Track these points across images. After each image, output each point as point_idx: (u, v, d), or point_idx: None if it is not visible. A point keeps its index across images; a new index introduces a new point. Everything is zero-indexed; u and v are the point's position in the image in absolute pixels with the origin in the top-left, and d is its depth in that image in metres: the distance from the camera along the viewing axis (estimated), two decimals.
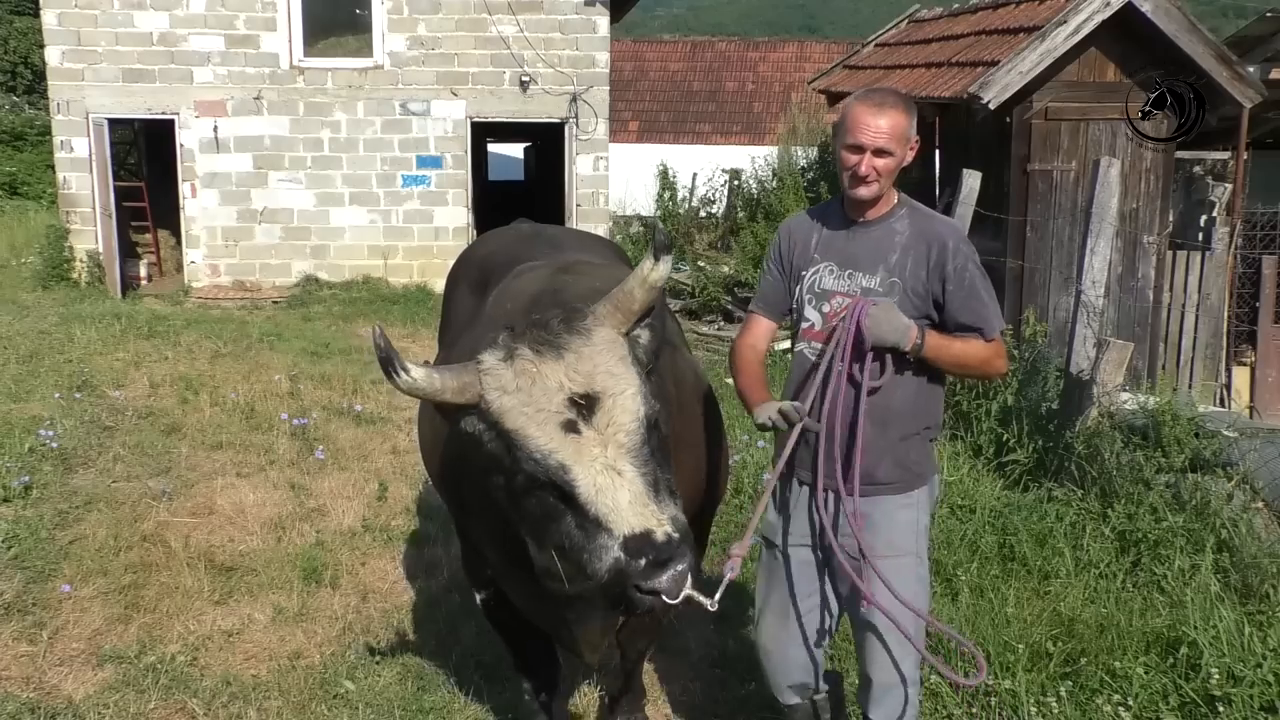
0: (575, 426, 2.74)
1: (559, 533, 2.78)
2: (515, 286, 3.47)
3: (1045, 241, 10.44)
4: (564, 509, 2.74)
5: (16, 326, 11.23)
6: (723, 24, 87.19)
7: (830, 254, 3.49)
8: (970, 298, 3.41)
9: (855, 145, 3.32)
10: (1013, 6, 11.78)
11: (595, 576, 2.72)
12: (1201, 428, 6.58)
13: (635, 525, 2.68)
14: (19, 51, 31.32)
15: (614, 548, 2.67)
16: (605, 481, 2.71)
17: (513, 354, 2.82)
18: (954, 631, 3.48)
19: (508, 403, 2.77)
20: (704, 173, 20.50)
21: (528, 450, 2.73)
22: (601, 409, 2.77)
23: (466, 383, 2.82)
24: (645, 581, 2.65)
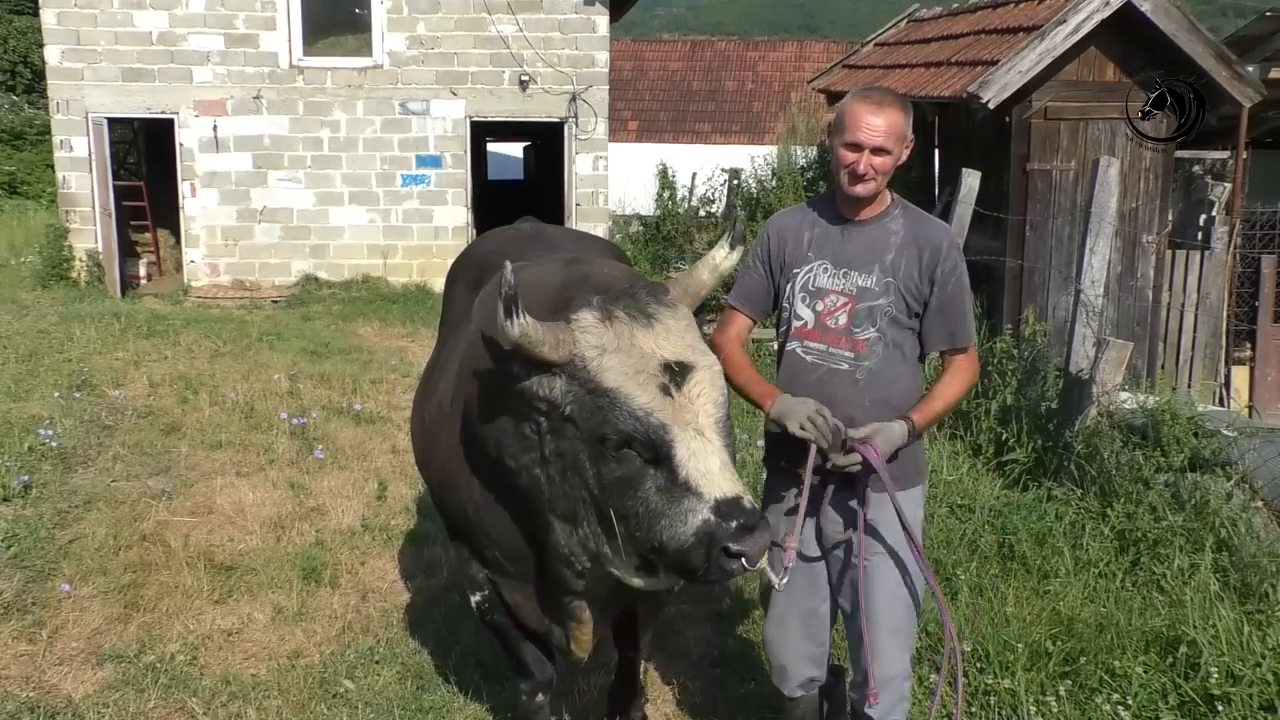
0: (669, 390, 2.82)
1: (635, 498, 2.82)
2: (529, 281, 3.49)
3: (1045, 241, 10.45)
4: (649, 473, 2.80)
5: (16, 326, 11.23)
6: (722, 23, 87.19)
7: (824, 252, 3.50)
8: (952, 303, 3.46)
9: (854, 143, 3.34)
10: (1012, 6, 11.78)
11: (677, 540, 2.77)
12: (1201, 427, 6.59)
13: (726, 490, 2.76)
14: (18, 50, 31.29)
15: (703, 511, 2.74)
16: (698, 446, 2.79)
17: (609, 315, 2.88)
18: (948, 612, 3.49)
19: (608, 362, 2.83)
20: (703, 172, 20.47)
21: (629, 408, 2.78)
22: (691, 378, 2.85)
23: (561, 339, 2.85)
24: (735, 544, 2.72)
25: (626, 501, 2.83)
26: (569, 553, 3.15)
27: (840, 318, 3.45)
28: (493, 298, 2.89)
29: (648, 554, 2.89)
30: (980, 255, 9.76)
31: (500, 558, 3.51)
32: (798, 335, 3.52)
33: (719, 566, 2.75)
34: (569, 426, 2.90)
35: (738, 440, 7.38)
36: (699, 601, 5.50)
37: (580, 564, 3.18)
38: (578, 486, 2.95)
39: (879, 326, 3.44)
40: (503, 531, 3.42)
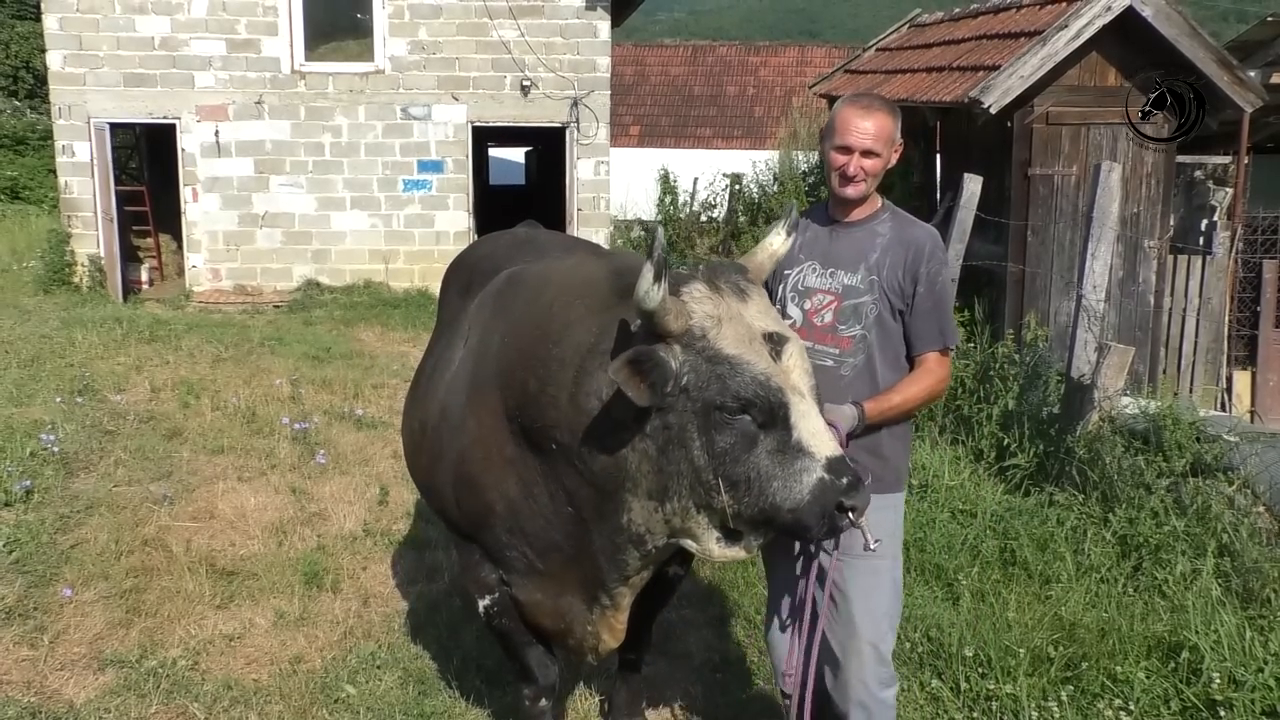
0: (776, 357, 2.96)
1: (748, 464, 2.91)
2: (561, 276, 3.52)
3: (1046, 246, 10.44)
4: (761, 437, 2.90)
5: (18, 331, 11.24)
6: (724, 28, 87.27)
7: (814, 253, 3.60)
8: (935, 305, 3.53)
9: (844, 146, 3.47)
10: (1014, 11, 11.78)
11: (793, 500, 2.88)
12: (1202, 432, 6.58)
13: (834, 450, 2.92)
14: (21, 56, 31.33)
15: (817, 469, 2.87)
16: (806, 408, 2.93)
17: (716, 287, 3.00)
18: None
19: (726, 330, 2.94)
20: (705, 177, 20.49)
21: (751, 374, 2.89)
22: (787, 348, 2.99)
23: (679, 311, 2.94)
24: (847, 498, 2.86)
25: (739, 468, 2.92)
26: (645, 531, 3.18)
27: (826, 315, 3.54)
28: (583, 300, 3.08)
29: (755, 518, 2.96)
30: (982, 260, 9.76)
31: (530, 555, 3.51)
32: None
33: (834, 521, 2.89)
34: (682, 398, 2.95)
35: None
36: (701, 606, 5.50)
37: (654, 543, 3.21)
38: (678, 460, 3.00)
39: (864, 325, 3.51)
40: (538, 524, 3.43)
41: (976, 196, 8.51)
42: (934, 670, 4.70)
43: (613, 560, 3.32)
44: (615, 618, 3.52)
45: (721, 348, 2.92)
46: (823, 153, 3.60)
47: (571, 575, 3.48)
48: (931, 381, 3.56)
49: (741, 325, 2.96)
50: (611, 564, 3.34)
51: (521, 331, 3.41)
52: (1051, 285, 10.42)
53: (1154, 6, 9.87)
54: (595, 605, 3.50)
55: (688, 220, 18.79)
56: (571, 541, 3.40)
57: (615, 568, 3.35)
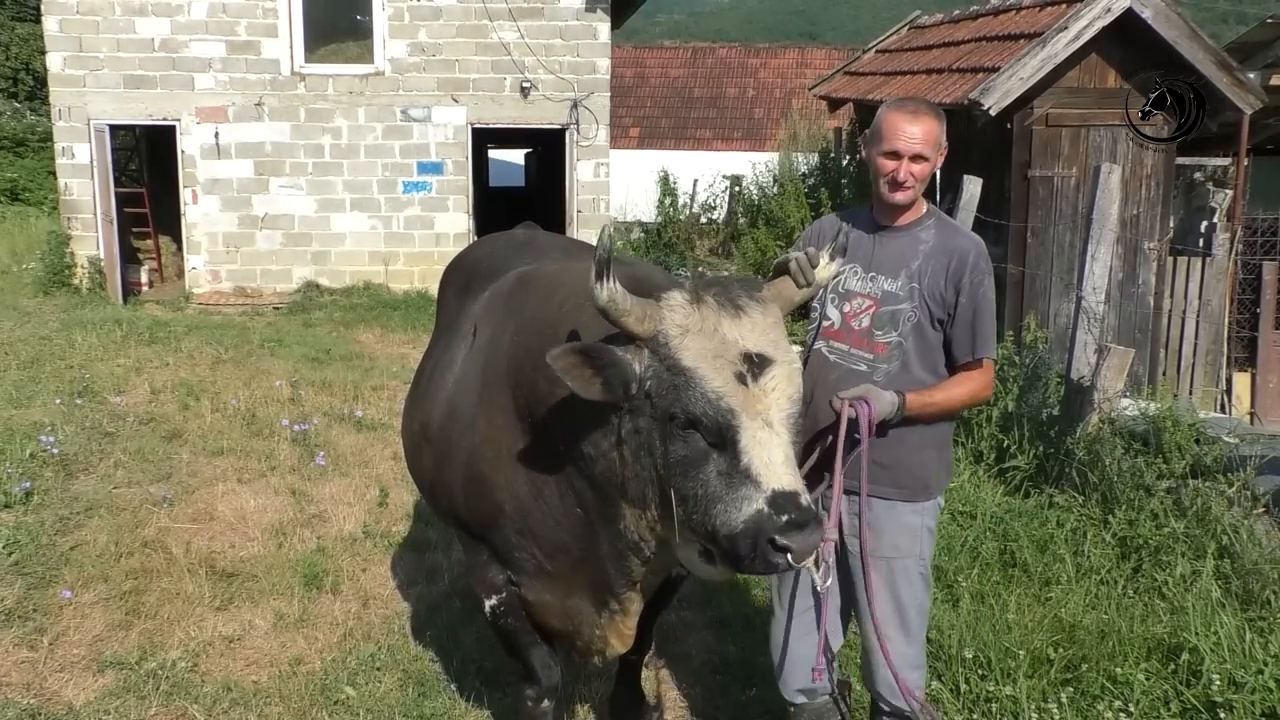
0: (744, 379, 2.85)
1: (696, 479, 2.85)
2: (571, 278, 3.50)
3: (1046, 247, 10.45)
4: (712, 455, 2.83)
5: (18, 332, 11.23)
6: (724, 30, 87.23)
7: (857, 257, 3.57)
8: (976, 316, 3.50)
9: (893, 152, 3.44)
10: (1013, 13, 11.80)
11: (728, 526, 2.80)
12: (1202, 434, 6.58)
13: (785, 484, 2.79)
14: (20, 57, 31.34)
15: (758, 500, 2.77)
16: (764, 436, 2.82)
17: (699, 299, 2.93)
18: None
19: (689, 342, 2.88)
20: (705, 179, 20.51)
21: (701, 389, 2.83)
22: (770, 371, 2.88)
23: (649, 314, 2.91)
24: (782, 537, 2.74)
25: (688, 482, 2.87)
26: (638, 538, 3.19)
27: (864, 320, 3.53)
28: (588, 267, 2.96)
29: (703, 539, 2.92)
30: None
31: (538, 555, 3.50)
32: (825, 335, 3.60)
33: (764, 558, 2.77)
34: (647, 404, 2.94)
35: None
36: (701, 608, 5.50)
37: (649, 549, 3.22)
38: (648, 466, 2.99)
39: (901, 331, 3.50)
40: (547, 526, 3.43)
41: (976, 198, 8.51)
42: (934, 672, 4.70)
43: (618, 565, 3.33)
44: (624, 623, 3.52)
45: (680, 358, 2.87)
46: (869, 158, 3.57)
47: (580, 577, 3.48)
48: (974, 387, 3.57)
49: (712, 340, 2.88)
50: (617, 569, 3.34)
51: (534, 331, 3.41)
52: (1051, 287, 10.43)
53: (1153, 8, 9.88)
54: (604, 609, 3.50)
55: (687, 222, 18.81)
56: (580, 544, 3.40)
57: (621, 573, 3.35)
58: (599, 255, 2.81)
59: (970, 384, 3.55)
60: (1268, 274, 11.75)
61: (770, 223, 15.33)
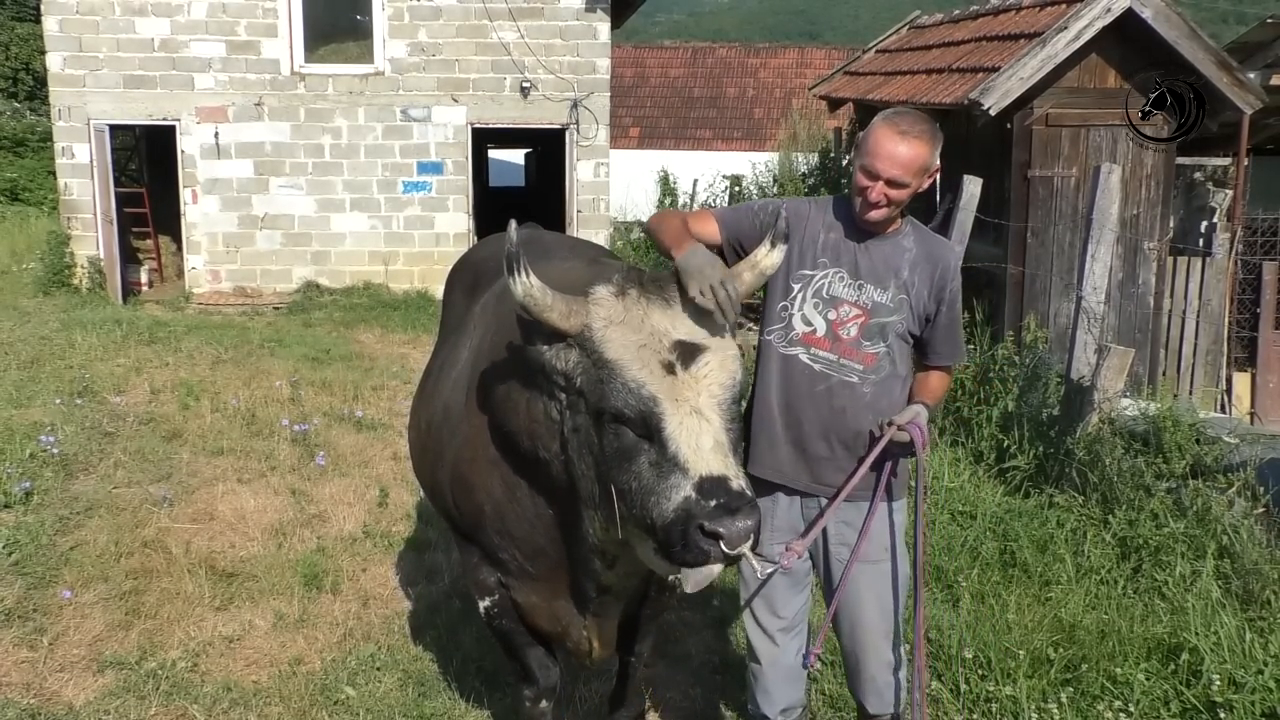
0: (672, 368, 2.82)
1: (630, 472, 2.82)
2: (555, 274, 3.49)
3: (1046, 247, 10.45)
4: (643, 446, 2.80)
5: (18, 332, 11.24)
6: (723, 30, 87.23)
7: (841, 261, 3.45)
8: (954, 323, 3.54)
9: (870, 170, 3.28)
10: (1013, 13, 11.80)
11: (660, 517, 2.74)
12: (1202, 434, 6.59)
13: (714, 469, 2.73)
14: (20, 57, 31.35)
15: (686, 487, 2.71)
16: (692, 423, 2.78)
17: (624, 291, 2.91)
18: None
19: (613, 334, 2.85)
20: (705, 179, 20.52)
21: (623, 379, 2.80)
22: (702, 358, 2.85)
23: (574, 309, 2.88)
24: (710, 523, 2.67)
25: (623, 475, 2.83)
26: (597, 540, 3.18)
27: (851, 329, 3.43)
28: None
29: (645, 534, 2.86)
30: (982, 262, 9.76)
31: (519, 558, 3.51)
32: (805, 341, 3.45)
33: (696, 546, 2.70)
34: (581, 400, 2.93)
35: None
36: (701, 608, 5.49)
37: (612, 551, 3.21)
38: (590, 464, 2.98)
39: (888, 342, 3.45)
40: (524, 529, 3.43)
41: (976, 198, 8.51)
42: (934, 672, 4.70)
43: (585, 569, 3.33)
44: (604, 625, 3.51)
45: (604, 351, 2.84)
46: (854, 162, 3.42)
47: (561, 580, 3.48)
48: (948, 384, 3.67)
49: (637, 331, 2.85)
50: (585, 573, 3.34)
51: (499, 337, 3.42)
52: (1051, 287, 10.43)
53: (1153, 8, 9.87)
54: (585, 611, 3.50)
55: None
56: (555, 547, 3.40)
57: (589, 576, 3.35)
58: (507, 250, 2.79)
59: (946, 383, 3.65)
60: (1268, 274, 11.74)
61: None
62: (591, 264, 3.66)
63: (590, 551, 3.24)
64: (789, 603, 3.60)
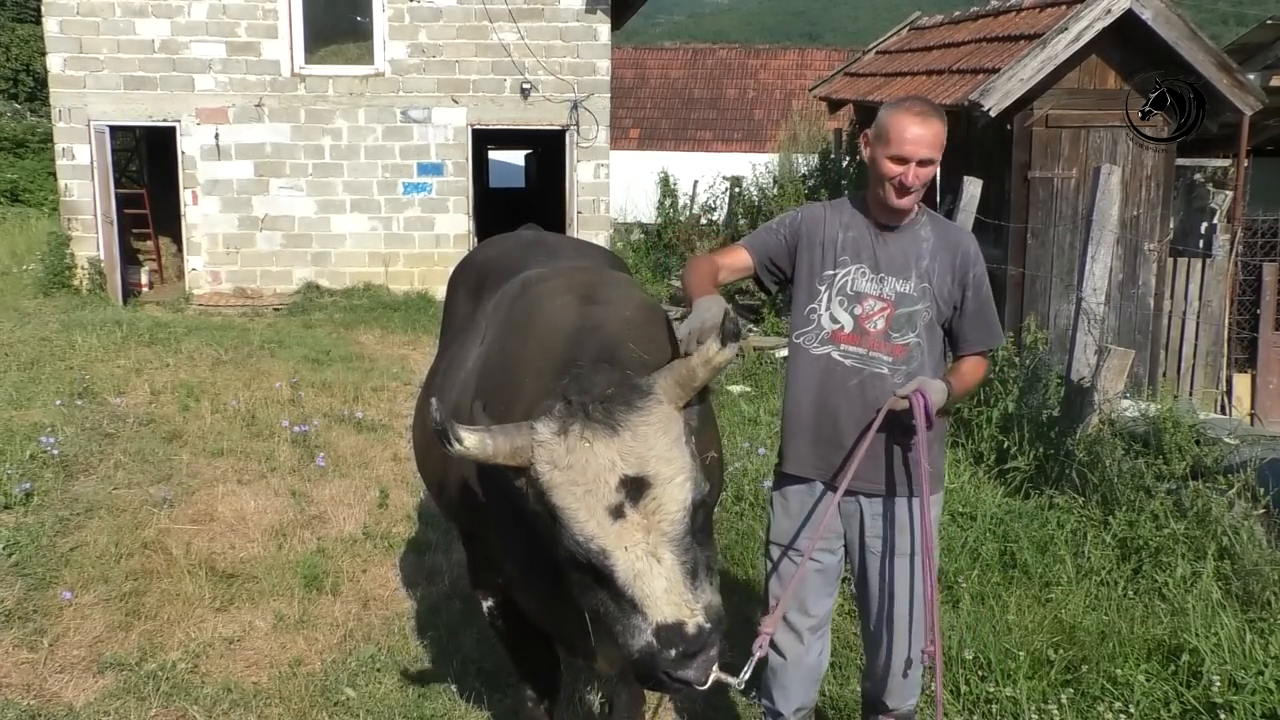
0: (621, 510, 2.74)
1: (595, 599, 2.83)
2: (541, 319, 3.43)
3: (1046, 248, 10.45)
4: (600, 586, 2.79)
5: (18, 333, 11.24)
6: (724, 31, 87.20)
7: (861, 257, 3.51)
8: (984, 308, 3.55)
9: (899, 157, 3.36)
10: (1013, 14, 11.80)
11: (628, 650, 2.78)
12: (1202, 435, 6.58)
13: (668, 615, 2.71)
14: (21, 58, 31.39)
15: (646, 632, 2.72)
16: (644, 567, 2.73)
17: (566, 429, 2.79)
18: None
19: (557, 478, 2.76)
20: (705, 180, 20.48)
21: (572, 532, 2.75)
22: (649, 494, 2.75)
23: (519, 447, 2.81)
24: (675, 670, 2.72)
25: (588, 600, 2.87)
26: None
27: (878, 322, 3.48)
28: (541, 362, 2.94)
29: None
30: None
31: (523, 565, 3.49)
32: (834, 340, 3.51)
33: (666, 686, 2.79)
34: (539, 523, 2.91)
35: (738, 449, 7.39)
36: None
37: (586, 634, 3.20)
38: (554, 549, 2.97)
39: (917, 332, 3.49)
40: (522, 546, 3.42)
41: (976, 199, 8.51)
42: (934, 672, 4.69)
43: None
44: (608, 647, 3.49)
45: (551, 496, 2.78)
46: (872, 158, 3.46)
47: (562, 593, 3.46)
48: (983, 371, 3.66)
49: (580, 474, 2.74)
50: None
51: (506, 360, 3.40)
52: (1051, 288, 10.43)
53: (1153, 9, 9.87)
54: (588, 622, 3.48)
55: (687, 223, 18.77)
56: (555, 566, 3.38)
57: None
58: (436, 428, 2.75)
59: (981, 369, 3.64)
60: (1268, 275, 11.75)
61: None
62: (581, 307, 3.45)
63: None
64: (820, 602, 3.64)
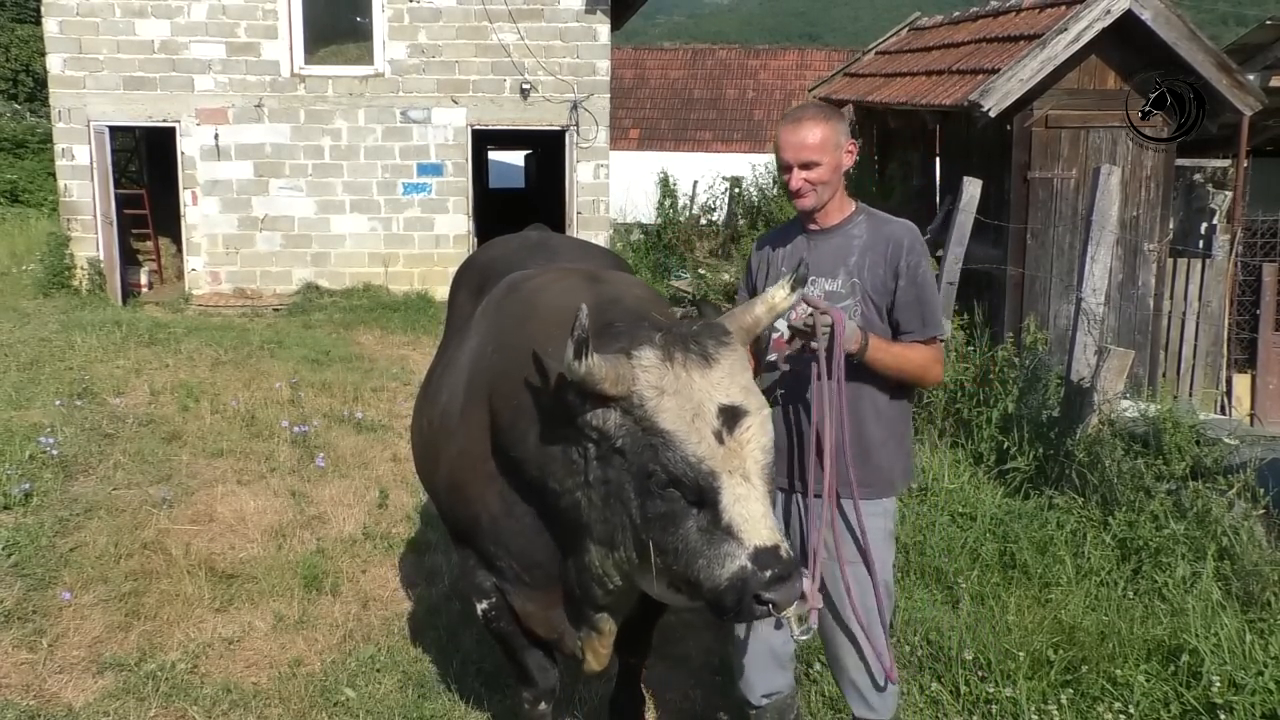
0: (721, 437, 2.83)
1: (676, 535, 2.85)
2: (548, 303, 3.44)
3: (1046, 249, 10.44)
4: (692, 513, 2.83)
5: (17, 334, 11.24)
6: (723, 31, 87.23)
7: (793, 266, 3.52)
8: (918, 296, 3.53)
9: (784, 164, 3.53)
10: (1013, 14, 11.79)
11: (712, 582, 2.81)
12: (1202, 435, 6.58)
13: (765, 539, 2.78)
14: (20, 59, 31.39)
15: (741, 557, 2.77)
16: (743, 492, 2.81)
17: (670, 355, 2.89)
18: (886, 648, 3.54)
19: (665, 403, 2.85)
20: (705, 180, 20.49)
21: (682, 453, 2.80)
22: (744, 423, 2.86)
23: (622, 375, 2.87)
24: (766, 592, 2.75)
25: (667, 537, 2.87)
26: (602, 573, 3.18)
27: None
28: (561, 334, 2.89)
29: (683, 586, 2.92)
30: (981, 264, 9.76)
31: (515, 567, 3.50)
32: (774, 348, 3.56)
33: (748, 610, 2.79)
34: (618, 458, 2.92)
35: None
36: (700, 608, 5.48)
37: (613, 584, 3.21)
38: (619, 514, 2.98)
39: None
40: (521, 543, 3.42)
41: (976, 200, 8.51)
42: (933, 673, 4.70)
43: (583, 591, 3.33)
44: (599, 642, 3.50)
45: (657, 421, 2.84)
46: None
47: (558, 590, 3.47)
48: (927, 358, 3.55)
49: (687, 399, 2.85)
50: (583, 594, 3.34)
51: (505, 354, 3.40)
52: (1051, 288, 10.42)
53: (1153, 10, 9.87)
54: (581, 626, 3.49)
55: (687, 224, 18.79)
56: (553, 562, 3.40)
57: (587, 598, 3.35)
58: (577, 335, 2.77)
59: (923, 354, 3.53)
60: (1267, 275, 11.75)
61: (770, 224, 15.33)
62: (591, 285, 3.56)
63: (590, 580, 3.24)
64: None
